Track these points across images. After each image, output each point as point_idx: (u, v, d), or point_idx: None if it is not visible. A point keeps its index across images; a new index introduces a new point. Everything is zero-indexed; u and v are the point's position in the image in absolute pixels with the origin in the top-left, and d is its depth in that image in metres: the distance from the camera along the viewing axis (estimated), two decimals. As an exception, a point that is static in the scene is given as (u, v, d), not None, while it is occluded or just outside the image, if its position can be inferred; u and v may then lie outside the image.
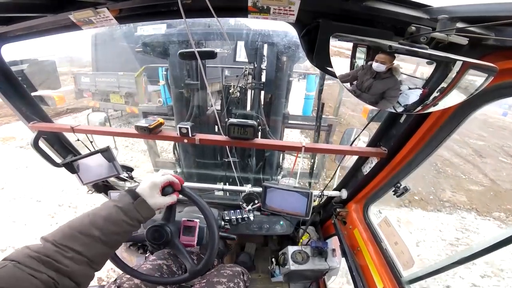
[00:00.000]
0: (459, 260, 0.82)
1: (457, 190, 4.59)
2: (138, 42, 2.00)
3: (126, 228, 0.69)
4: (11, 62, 1.14)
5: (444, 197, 4.35)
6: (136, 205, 0.72)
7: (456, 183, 4.83)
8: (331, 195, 1.48)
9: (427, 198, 4.25)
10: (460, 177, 5.06)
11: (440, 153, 5.70)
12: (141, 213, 0.72)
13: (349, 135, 1.37)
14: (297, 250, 1.42)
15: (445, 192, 4.49)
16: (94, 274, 0.63)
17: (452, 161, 5.67)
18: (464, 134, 7.32)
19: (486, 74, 0.46)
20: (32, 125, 1.22)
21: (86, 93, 6.60)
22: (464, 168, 5.45)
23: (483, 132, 8.09)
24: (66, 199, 3.45)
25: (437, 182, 4.76)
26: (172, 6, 0.72)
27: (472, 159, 5.93)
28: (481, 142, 7.19)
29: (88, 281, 0.62)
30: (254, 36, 1.88)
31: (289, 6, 0.64)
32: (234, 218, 1.45)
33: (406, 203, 3.98)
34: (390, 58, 0.50)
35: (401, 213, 3.79)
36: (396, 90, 0.54)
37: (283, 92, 2.12)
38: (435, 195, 4.37)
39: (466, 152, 6.28)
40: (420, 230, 3.48)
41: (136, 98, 5.83)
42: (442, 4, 0.60)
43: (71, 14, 0.73)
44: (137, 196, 0.74)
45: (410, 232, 3.42)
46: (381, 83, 0.54)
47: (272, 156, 2.39)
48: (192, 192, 0.95)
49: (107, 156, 1.25)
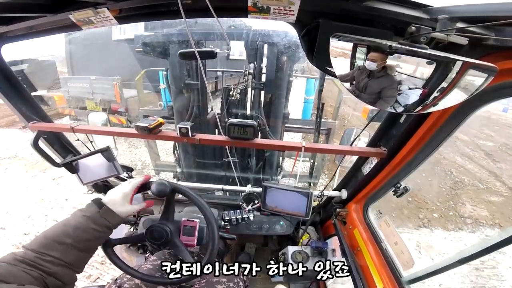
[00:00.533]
0: (459, 260, 0.82)
1: (477, 202, 4.29)
2: (138, 42, 2.00)
3: (96, 234, 0.75)
4: (11, 62, 1.14)
5: (465, 212, 4.03)
6: (102, 213, 0.77)
7: (475, 194, 4.51)
8: (331, 195, 1.48)
9: (447, 214, 3.94)
10: (478, 187, 4.76)
11: (453, 159, 5.55)
12: (109, 220, 0.78)
13: (349, 135, 1.37)
14: (297, 250, 1.42)
15: (465, 206, 4.17)
16: (76, 276, 0.70)
17: (467, 168, 5.39)
18: (472, 135, 7.10)
19: (486, 74, 0.46)
20: (32, 125, 1.22)
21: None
22: (480, 175, 5.16)
23: (490, 131, 7.86)
24: (33, 228, 3.06)
25: (456, 195, 4.45)
26: (172, 6, 0.72)
27: (486, 164, 5.64)
28: (490, 143, 6.93)
29: (72, 282, 0.69)
30: (254, 36, 1.87)
31: (289, 6, 0.64)
32: (234, 218, 1.44)
33: (425, 223, 3.69)
34: (381, 56, 0.50)
35: (421, 235, 3.49)
36: (392, 90, 0.54)
37: (283, 92, 2.12)
38: (455, 210, 4.05)
39: (479, 156, 6.01)
40: (442, 254, 3.19)
41: (113, 105, 5.29)
42: (442, 4, 0.60)
43: (71, 14, 0.73)
44: (102, 205, 0.79)
45: (432, 258, 3.12)
46: (375, 82, 0.54)
47: (272, 156, 2.39)
48: (192, 192, 0.96)
49: (107, 156, 1.25)
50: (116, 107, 5.36)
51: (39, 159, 4.40)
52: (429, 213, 3.87)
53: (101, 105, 5.45)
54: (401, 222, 3.59)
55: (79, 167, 1.31)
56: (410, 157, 0.94)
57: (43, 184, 4.01)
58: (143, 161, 4.84)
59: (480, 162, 5.69)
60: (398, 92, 0.53)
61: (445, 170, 5.07)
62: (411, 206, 3.93)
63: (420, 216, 3.74)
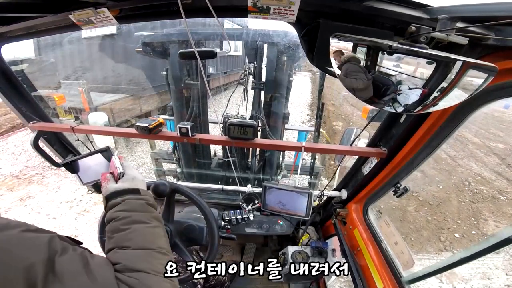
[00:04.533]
0: (459, 260, 0.81)
1: (499, 217, 4.02)
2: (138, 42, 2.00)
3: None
4: (11, 62, 1.14)
5: (488, 230, 3.75)
6: (144, 195, 0.73)
7: (496, 208, 4.21)
8: (331, 195, 1.48)
9: (469, 233, 3.66)
10: (498, 199, 4.44)
11: (469, 166, 5.31)
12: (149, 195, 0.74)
13: (349, 135, 1.37)
14: (297, 250, 1.42)
15: (488, 223, 3.89)
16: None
17: (484, 176, 5.08)
18: (483, 136, 6.89)
19: (486, 74, 0.46)
20: (32, 125, 1.22)
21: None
22: (498, 185, 4.84)
23: (498, 131, 7.65)
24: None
25: (476, 209, 4.17)
26: (172, 6, 0.72)
27: (503, 171, 5.31)
28: (501, 145, 6.63)
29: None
30: (254, 36, 1.87)
31: (289, 6, 0.64)
32: (234, 218, 1.45)
33: (447, 246, 3.39)
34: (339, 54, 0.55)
35: (444, 261, 3.31)
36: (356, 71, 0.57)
37: (283, 92, 2.12)
38: (477, 228, 3.78)
39: (493, 161, 5.70)
40: (466, 281, 2.93)
41: (84, 114, 4.50)
42: (442, 4, 0.60)
43: (71, 14, 0.73)
44: (136, 190, 0.74)
45: (455, 287, 2.86)
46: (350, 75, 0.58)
47: (272, 156, 2.39)
48: (192, 192, 0.96)
49: (107, 156, 1.25)
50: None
51: (7, 175, 4.09)
52: (451, 233, 3.62)
53: (73, 113, 4.71)
54: (421, 247, 3.33)
55: (79, 167, 1.31)
56: (410, 157, 0.94)
57: (9, 205, 3.50)
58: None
59: (496, 169, 5.38)
60: (400, 92, 0.54)
61: (462, 180, 4.82)
62: (431, 227, 3.68)
63: (441, 238, 3.49)
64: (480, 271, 3.08)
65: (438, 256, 3.24)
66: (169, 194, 0.96)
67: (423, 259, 3.15)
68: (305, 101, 9.92)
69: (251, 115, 2.20)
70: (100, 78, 5.08)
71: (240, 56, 8.19)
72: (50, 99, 4.38)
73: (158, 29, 2.08)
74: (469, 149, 6.17)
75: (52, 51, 5.28)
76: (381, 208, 3.68)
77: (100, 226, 1.15)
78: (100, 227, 1.15)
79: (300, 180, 3.07)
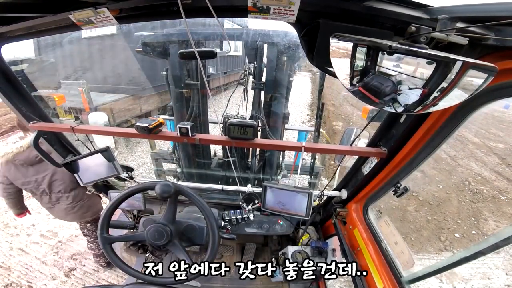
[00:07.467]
0: (459, 260, 0.82)
1: (499, 217, 4.02)
2: (138, 42, 2.00)
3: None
4: (11, 62, 1.14)
5: (488, 229, 3.76)
6: None
7: (497, 207, 4.21)
8: (331, 195, 1.48)
9: (469, 233, 3.67)
10: (498, 199, 4.45)
11: (469, 166, 5.30)
12: None
13: (349, 135, 1.37)
14: (297, 250, 1.42)
15: (488, 222, 3.89)
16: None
17: (484, 176, 5.08)
18: (483, 136, 6.86)
19: (486, 74, 0.46)
20: (32, 125, 1.22)
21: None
22: (498, 184, 4.85)
23: (498, 131, 7.60)
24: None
25: (477, 209, 4.17)
26: (172, 6, 0.72)
27: (503, 171, 5.30)
28: (501, 145, 6.60)
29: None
30: (254, 36, 1.87)
31: (289, 6, 0.64)
32: (234, 218, 1.45)
33: (447, 245, 3.40)
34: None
35: (444, 261, 3.30)
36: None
37: (283, 92, 2.12)
38: (478, 228, 3.79)
39: (493, 161, 5.68)
40: (466, 281, 2.93)
41: (84, 114, 4.46)
42: (442, 4, 0.60)
43: (71, 14, 0.73)
44: None
45: (455, 287, 2.87)
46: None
47: (272, 156, 2.39)
48: (192, 192, 0.96)
49: (107, 156, 1.25)
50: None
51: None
52: (451, 233, 3.62)
53: (73, 113, 4.66)
54: (421, 247, 3.35)
55: (79, 167, 1.31)
56: (410, 157, 0.94)
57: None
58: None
59: (496, 169, 5.38)
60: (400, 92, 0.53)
61: (462, 180, 4.83)
62: (431, 226, 3.68)
63: (441, 238, 3.50)
64: (480, 271, 3.08)
65: (438, 256, 3.24)
66: (173, 195, 0.96)
67: (423, 259, 3.15)
68: (305, 101, 9.91)
69: (251, 115, 2.20)
70: (100, 78, 5.08)
71: (240, 56, 8.21)
72: (50, 99, 4.34)
73: (158, 29, 2.08)
74: (469, 149, 6.16)
75: (52, 51, 5.26)
76: (381, 208, 3.70)
77: (101, 223, 1.15)
78: (101, 223, 1.15)
79: (300, 180, 3.09)
